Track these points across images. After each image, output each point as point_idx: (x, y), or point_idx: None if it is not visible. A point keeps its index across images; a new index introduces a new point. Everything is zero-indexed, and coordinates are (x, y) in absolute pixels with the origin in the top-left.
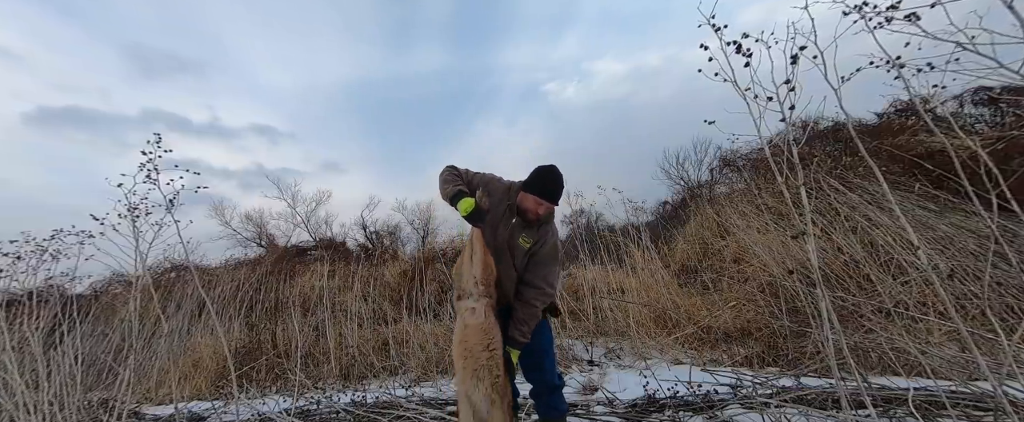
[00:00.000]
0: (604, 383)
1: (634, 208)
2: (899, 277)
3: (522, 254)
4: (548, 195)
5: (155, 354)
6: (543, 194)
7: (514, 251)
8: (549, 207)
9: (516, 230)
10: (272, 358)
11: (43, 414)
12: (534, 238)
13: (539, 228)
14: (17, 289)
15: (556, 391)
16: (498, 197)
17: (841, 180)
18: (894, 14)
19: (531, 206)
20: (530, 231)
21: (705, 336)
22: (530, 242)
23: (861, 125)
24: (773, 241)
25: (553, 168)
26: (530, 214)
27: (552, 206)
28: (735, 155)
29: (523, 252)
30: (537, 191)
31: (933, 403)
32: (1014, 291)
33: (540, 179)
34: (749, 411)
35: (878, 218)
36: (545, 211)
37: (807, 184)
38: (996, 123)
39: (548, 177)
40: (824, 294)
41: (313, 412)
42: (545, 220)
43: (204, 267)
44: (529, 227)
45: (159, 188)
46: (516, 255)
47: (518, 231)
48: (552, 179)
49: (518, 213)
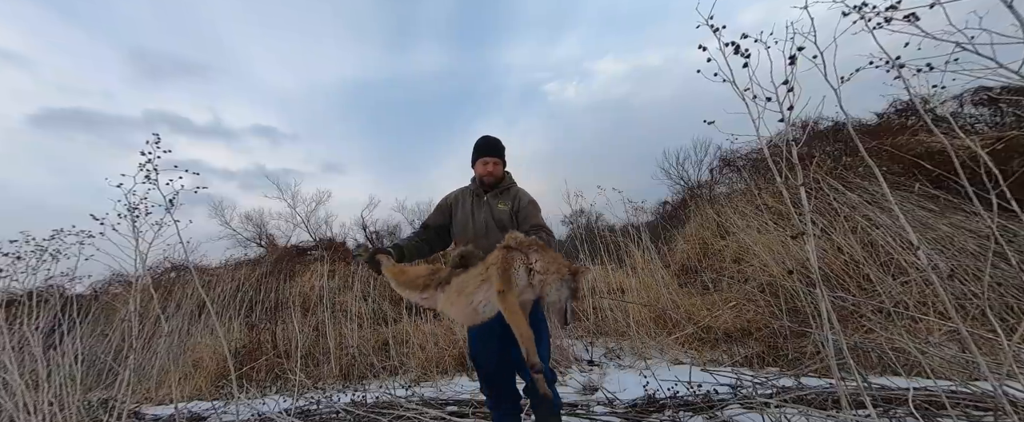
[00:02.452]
0: (604, 383)
1: (634, 208)
2: (899, 277)
3: (508, 217)
4: (488, 151)
5: (155, 354)
6: (484, 152)
7: (500, 220)
8: (497, 162)
9: (491, 204)
10: (272, 358)
11: (43, 414)
12: (510, 201)
13: (509, 191)
14: (17, 289)
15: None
16: (464, 195)
17: (841, 180)
18: (894, 14)
19: (482, 170)
20: (503, 198)
21: (705, 336)
22: (508, 204)
23: (861, 125)
24: (773, 241)
25: (485, 136)
26: (487, 177)
27: (498, 160)
28: (735, 155)
29: (508, 215)
30: (479, 154)
31: (933, 403)
32: (1014, 291)
33: (477, 148)
34: (749, 411)
35: (878, 218)
36: (495, 167)
37: (807, 184)
38: (996, 123)
39: (482, 141)
40: (824, 294)
41: (313, 412)
42: (509, 185)
43: (204, 267)
44: (500, 196)
45: (158, 188)
46: (503, 221)
47: (493, 203)
48: (485, 141)
49: (482, 189)
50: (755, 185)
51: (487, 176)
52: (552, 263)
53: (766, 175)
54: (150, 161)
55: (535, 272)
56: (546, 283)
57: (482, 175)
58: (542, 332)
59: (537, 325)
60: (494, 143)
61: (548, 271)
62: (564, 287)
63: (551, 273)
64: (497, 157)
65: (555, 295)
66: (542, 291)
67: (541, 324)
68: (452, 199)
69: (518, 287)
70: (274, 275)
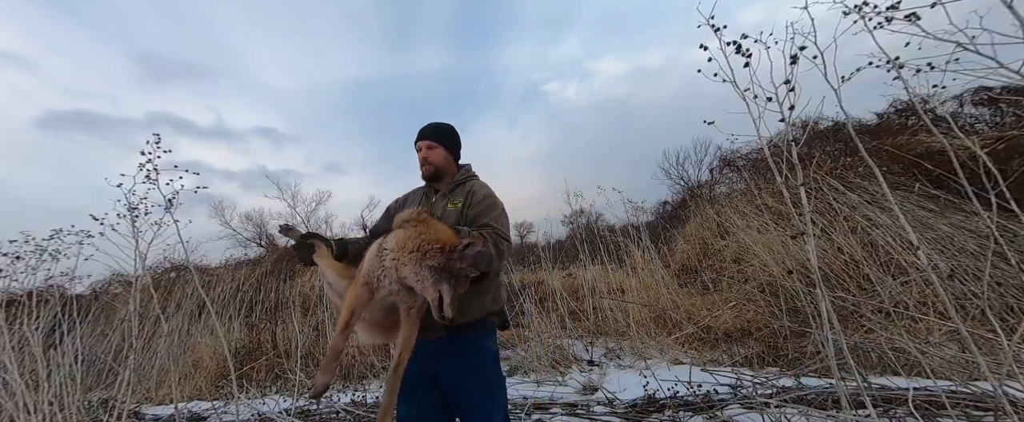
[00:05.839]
0: (604, 383)
1: (634, 208)
2: (899, 277)
3: (455, 217)
4: (421, 134)
5: (155, 354)
6: (419, 137)
7: (450, 223)
8: (433, 146)
9: (439, 202)
10: (272, 358)
11: (43, 414)
12: (462, 198)
13: (463, 187)
14: (17, 289)
15: None
16: (414, 196)
17: (841, 180)
18: (894, 14)
19: (421, 157)
20: (455, 195)
21: (705, 336)
22: (459, 202)
23: (861, 125)
24: (773, 241)
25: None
26: (424, 167)
27: (434, 144)
28: (735, 155)
29: (455, 215)
30: (417, 139)
31: (933, 403)
32: (1014, 291)
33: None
34: (749, 411)
35: (878, 218)
36: (429, 153)
37: (807, 184)
38: (996, 123)
39: (423, 126)
40: (824, 294)
41: (313, 412)
42: (464, 180)
43: (204, 267)
44: (453, 193)
45: (159, 188)
46: (453, 224)
47: (441, 203)
48: (425, 125)
49: (429, 184)
50: (755, 185)
51: (423, 166)
52: (414, 238)
53: (766, 175)
54: (150, 161)
55: (385, 251)
56: (401, 263)
57: (422, 165)
58: (495, 390)
59: (488, 378)
60: (432, 125)
61: (403, 248)
62: (425, 270)
63: (406, 251)
64: (433, 141)
65: (414, 279)
66: (399, 275)
67: (491, 370)
68: (402, 201)
69: (364, 273)
70: (274, 275)
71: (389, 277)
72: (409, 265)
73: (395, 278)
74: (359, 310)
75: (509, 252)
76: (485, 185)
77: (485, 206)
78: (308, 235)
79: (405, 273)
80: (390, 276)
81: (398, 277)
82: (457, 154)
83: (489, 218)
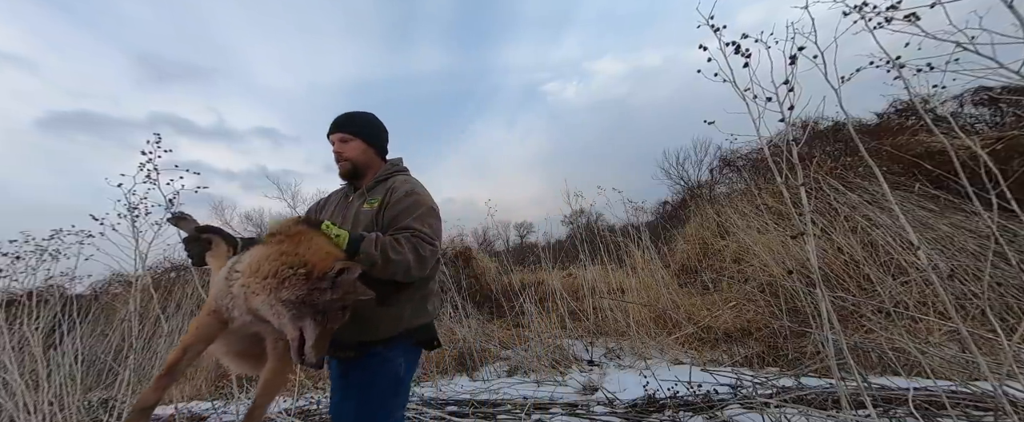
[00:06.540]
0: (604, 383)
1: (634, 208)
2: (899, 277)
3: (370, 219)
4: (334, 126)
5: (155, 354)
6: (331, 130)
7: (365, 226)
8: (346, 139)
9: (355, 203)
10: None
11: (43, 414)
12: (380, 196)
13: (385, 184)
14: (17, 289)
15: None
16: (335, 196)
17: (841, 180)
18: (894, 14)
19: (335, 152)
20: (371, 194)
21: (705, 336)
22: (376, 200)
23: (861, 125)
24: (773, 241)
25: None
26: (341, 163)
27: (347, 137)
28: (735, 155)
29: (370, 216)
30: (329, 133)
31: (933, 403)
32: (1014, 291)
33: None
34: (749, 411)
35: (878, 218)
36: (342, 146)
37: (807, 184)
38: (996, 123)
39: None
40: (824, 294)
41: (313, 412)
42: (387, 176)
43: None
44: (372, 191)
45: (159, 188)
46: (368, 227)
47: (357, 202)
48: (338, 115)
49: (349, 184)
50: (755, 185)
51: (338, 162)
52: (272, 258)
53: (766, 175)
54: (151, 161)
55: (236, 273)
56: (251, 292)
57: (337, 159)
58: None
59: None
60: (346, 114)
61: (255, 272)
62: (279, 303)
63: (259, 276)
64: (346, 133)
65: (269, 312)
66: (249, 305)
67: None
68: (323, 202)
69: (211, 298)
70: None
71: (238, 308)
72: (260, 295)
73: (245, 309)
74: (199, 345)
75: (435, 258)
76: (410, 180)
77: (406, 204)
78: (204, 229)
79: (255, 304)
80: (239, 307)
81: (248, 308)
82: (380, 146)
83: (410, 219)
